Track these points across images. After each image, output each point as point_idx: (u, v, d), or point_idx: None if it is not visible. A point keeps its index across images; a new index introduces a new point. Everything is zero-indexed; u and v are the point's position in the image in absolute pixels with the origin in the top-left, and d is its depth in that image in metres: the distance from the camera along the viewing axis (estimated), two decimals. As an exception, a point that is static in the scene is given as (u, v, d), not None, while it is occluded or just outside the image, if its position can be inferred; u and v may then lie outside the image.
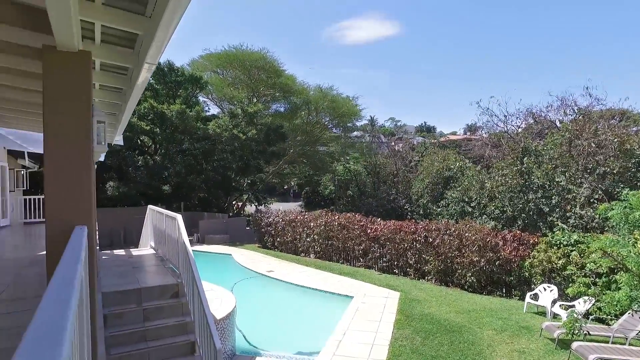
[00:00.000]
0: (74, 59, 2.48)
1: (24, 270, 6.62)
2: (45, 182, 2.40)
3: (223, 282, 9.31)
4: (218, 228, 17.71)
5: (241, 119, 21.40)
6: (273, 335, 8.03)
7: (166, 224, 6.59)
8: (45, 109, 2.42)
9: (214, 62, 27.16)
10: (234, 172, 21.15)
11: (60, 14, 2.02)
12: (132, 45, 3.51)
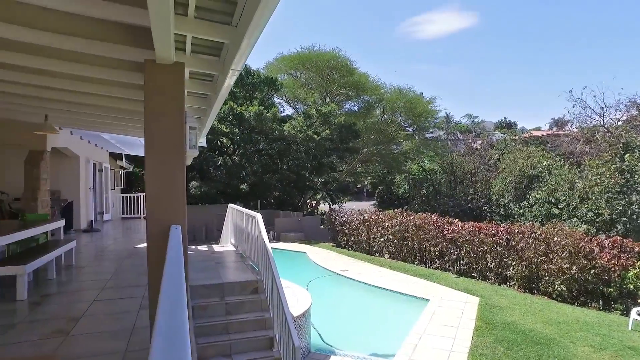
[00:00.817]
0: (170, 70, 2.68)
1: (124, 261, 7.30)
2: (146, 184, 2.63)
3: (298, 279, 9.52)
4: (293, 226, 18.15)
5: (315, 119, 21.75)
6: (347, 334, 8.06)
7: (246, 222, 6.88)
8: (146, 117, 2.64)
9: (287, 64, 27.93)
10: (308, 171, 21.56)
11: (162, 30, 2.19)
12: (217, 54, 3.71)
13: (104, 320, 4.15)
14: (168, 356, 0.59)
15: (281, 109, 27.75)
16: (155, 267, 2.64)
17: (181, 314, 0.80)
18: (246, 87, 22.00)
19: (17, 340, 3.65)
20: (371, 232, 14.53)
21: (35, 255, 5.29)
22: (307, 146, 20.59)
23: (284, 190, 21.43)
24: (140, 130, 8.75)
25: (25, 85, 5.59)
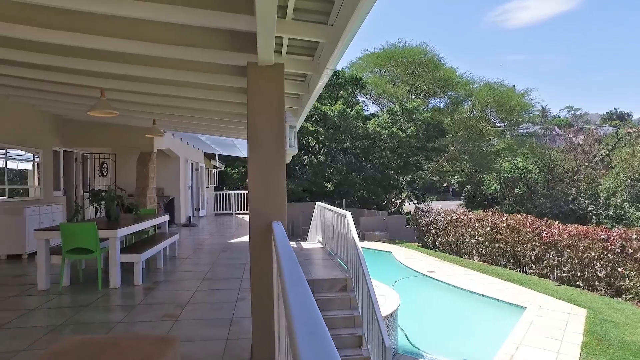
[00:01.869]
0: (271, 71, 2.79)
1: (220, 255, 7.79)
2: (249, 182, 2.76)
3: (383, 279, 9.41)
4: (378, 225, 18.01)
5: (400, 116, 21.36)
6: (435, 338, 7.79)
7: (334, 221, 6.95)
8: (249, 117, 2.78)
9: (372, 61, 27.75)
10: (392, 169, 21.25)
11: (267, 34, 2.29)
12: (311, 54, 3.78)
13: (206, 308, 4.46)
14: (315, 348, 0.59)
15: (365, 107, 27.65)
16: (257, 261, 2.77)
17: (313, 307, 0.81)
18: (331, 87, 22.29)
19: (138, 319, 4.07)
20: (460, 232, 13.91)
21: (148, 246, 5.87)
22: (392, 144, 20.29)
23: (368, 189, 21.35)
24: (234, 130, 9.28)
25: (138, 93, 6.21)
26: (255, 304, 2.83)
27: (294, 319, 0.73)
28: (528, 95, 27.05)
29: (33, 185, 8.66)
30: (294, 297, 0.88)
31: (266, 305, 2.72)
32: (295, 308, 0.80)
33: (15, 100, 7.85)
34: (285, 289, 0.99)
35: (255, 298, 2.81)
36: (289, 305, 0.83)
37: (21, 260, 7.28)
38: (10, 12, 3.53)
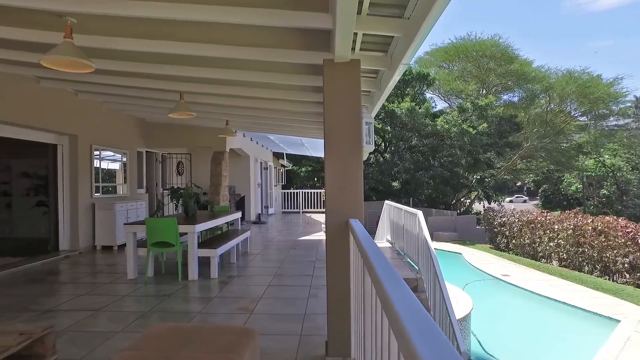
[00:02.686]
0: (347, 68, 2.79)
1: (289, 252, 7.95)
2: (325, 179, 2.77)
3: (453, 281, 9.06)
4: (446, 225, 17.43)
5: (471, 113, 20.48)
6: (511, 346, 7.36)
7: (404, 220, 6.82)
8: (325, 115, 2.79)
9: (440, 57, 26.88)
10: (462, 168, 20.45)
11: (346, 30, 2.28)
12: (385, 49, 3.72)
13: (279, 303, 4.56)
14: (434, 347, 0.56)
15: (433, 103, 26.87)
16: (333, 259, 2.77)
17: (418, 303, 0.78)
18: (397, 84, 21.91)
19: (215, 311, 4.27)
20: (536, 235, 13.02)
21: (222, 242, 6.14)
22: (462, 141, 19.51)
23: (436, 188, 20.72)
24: (303, 129, 9.43)
25: (213, 95, 6.50)
26: (331, 301, 2.83)
27: (403, 318, 0.70)
28: (618, 84, 24.63)
29: (120, 184, 9.42)
30: (394, 292, 0.85)
31: (342, 302, 2.71)
32: (399, 303, 0.78)
33: (108, 107, 8.59)
34: (381, 284, 0.97)
35: (331, 295, 2.82)
36: (392, 302, 0.80)
37: (112, 251, 7.96)
38: (109, 27, 3.85)
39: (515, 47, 25.14)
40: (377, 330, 1.17)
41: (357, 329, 2.16)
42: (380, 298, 0.97)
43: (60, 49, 3.44)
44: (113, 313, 4.24)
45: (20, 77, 6.24)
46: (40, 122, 6.83)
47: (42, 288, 5.32)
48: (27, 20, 3.86)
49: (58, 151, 7.75)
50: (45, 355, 2.26)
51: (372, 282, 1.17)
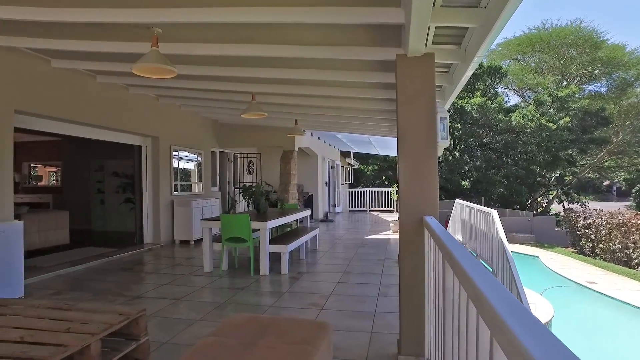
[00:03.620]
0: (421, 62, 2.73)
1: (358, 250, 7.95)
2: (399, 176, 2.74)
3: (530, 285, 8.50)
4: (521, 226, 16.44)
5: (549, 106, 19.11)
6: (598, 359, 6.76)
7: (477, 219, 6.54)
8: (399, 111, 2.76)
9: (513, 49, 25.36)
10: (539, 166, 19.14)
11: (420, 24, 2.24)
12: (458, 42, 3.59)
13: (349, 300, 4.58)
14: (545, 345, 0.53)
15: (506, 98, 25.43)
16: (407, 257, 2.74)
17: (514, 299, 0.75)
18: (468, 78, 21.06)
19: (286, 305, 4.40)
20: (630, 239, 11.83)
21: (292, 238, 6.29)
22: (539, 137, 18.27)
23: (510, 187, 19.60)
24: (371, 127, 9.38)
25: (282, 95, 6.67)
26: (404, 300, 2.79)
27: (502, 314, 0.67)
28: None
29: (196, 182, 9.99)
30: (487, 288, 0.82)
31: (416, 301, 2.67)
32: (496, 299, 0.75)
33: (185, 110, 9.16)
34: (470, 279, 0.94)
35: (405, 294, 2.78)
36: (486, 298, 0.78)
37: (189, 246, 8.48)
38: (189, 34, 4.11)
39: (600, 31, 22.94)
40: (460, 329, 1.14)
41: (433, 327, 2.11)
42: (470, 294, 0.94)
43: (148, 57, 3.72)
44: (192, 302, 4.52)
45: (113, 85, 6.85)
46: (129, 126, 7.45)
47: (131, 276, 5.81)
48: (120, 33, 4.22)
49: (142, 152, 8.40)
50: (139, 335, 2.47)
51: (458, 279, 1.14)
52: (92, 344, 2.10)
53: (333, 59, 4.47)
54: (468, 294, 0.97)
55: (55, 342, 2.02)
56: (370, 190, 19.20)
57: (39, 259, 6.75)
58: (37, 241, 7.30)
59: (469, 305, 0.98)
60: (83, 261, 6.63)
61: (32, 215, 7.30)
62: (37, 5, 3.61)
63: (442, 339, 1.59)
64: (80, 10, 3.59)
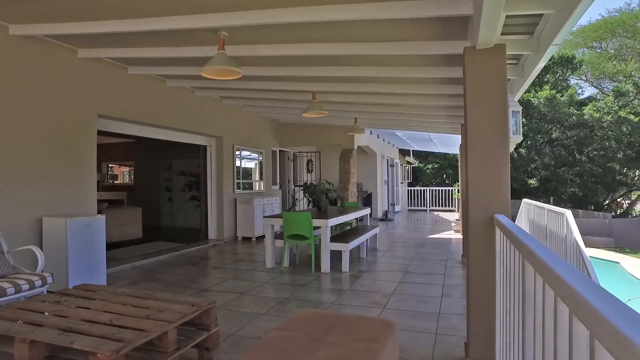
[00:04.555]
0: (491, 54, 2.61)
1: (419, 249, 7.78)
2: (468, 174, 2.65)
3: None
4: (598, 229, 15.25)
5: (633, 97, 17.53)
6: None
7: (548, 220, 6.16)
8: (467, 106, 2.66)
9: (587, 36, 23.50)
10: (619, 162, 17.63)
11: (493, 14, 2.14)
12: (530, 30, 3.39)
13: (411, 300, 4.49)
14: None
15: (579, 90, 23.66)
16: (476, 257, 2.63)
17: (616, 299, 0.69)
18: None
19: (347, 303, 4.40)
20: None
21: (353, 237, 6.28)
22: (619, 132, 16.82)
23: (584, 186, 18.25)
24: (432, 124, 9.14)
25: (342, 93, 6.68)
26: (473, 301, 2.69)
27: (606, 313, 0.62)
28: None
29: (257, 180, 10.28)
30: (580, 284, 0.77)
31: (485, 303, 2.56)
32: (593, 297, 0.70)
33: (247, 110, 9.46)
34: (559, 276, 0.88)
35: (473, 295, 2.67)
36: (582, 296, 0.73)
37: (251, 242, 8.75)
38: (253, 36, 4.23)
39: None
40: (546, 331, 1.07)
41: (506, 331, 2.01)
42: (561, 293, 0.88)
43: (215, 59, 3.89)
44: (256, 297, 4.66)
45: (181, 88, 7.24)
46: (195, 127, 7.82)
47: (198, 270, 6.10)
48: (188, 38, 4.45)
49: (207, 152, 8.78)
50: (209, 326, 2.58)
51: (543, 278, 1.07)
52: (170, 331, 2.23)
53: (394, 55, 4.41)
54: (557, 293, 0.91)
55: (138, 327, 2.17)
56: (430, 189, 18.71)
57: (116, 251, 7.29)
58: (115, 235, 7.88)
59: (558, 305, 0.92)
60: (154, 254, 7.07)
61: (110, 211, 7.90)
62: (116, 18, 3.90)
63: (520, 343, 1.51)
64: (154, 20, 3.83)
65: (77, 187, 5.30)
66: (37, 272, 3.67)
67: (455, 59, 4.20)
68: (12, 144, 4.49)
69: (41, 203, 4.80)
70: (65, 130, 5.13)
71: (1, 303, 3.19)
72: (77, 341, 1.99)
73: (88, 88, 5.43)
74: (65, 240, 4.54)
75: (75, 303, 2.64)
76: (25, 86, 4.64)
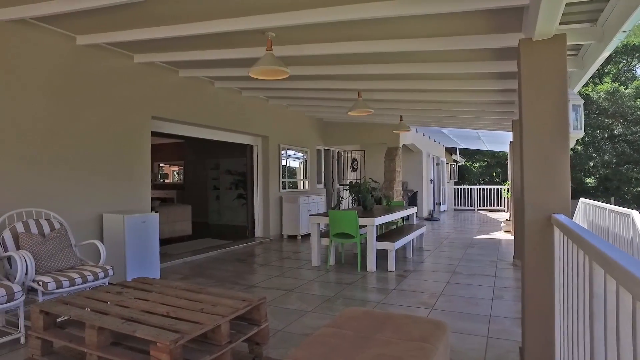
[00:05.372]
0: (550, 45, 2.48)
1: (467, 250, 7.56)
2: (523, 171, 2.54)
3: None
4: (665, 231, 14.10)
5: None
6: None
7: (610, 221, 5.79)
8: (523, 100, 2.55)
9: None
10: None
11: (553, 3, 2.04)
12: (593, 18, 3.19)
13: (460, 302, 4.37)
14: None
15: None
16: (532, 259, 2.52)
17: None
18: (593, 62, 18.68)
19: (394, 302, 4.35)
20: None
21: (399, 236, 6.20)
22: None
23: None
24: (481, 121, 8.85)
25: (388, 91, 6.60)
26: (529, 305, 2.57)
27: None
28: None
29: (301, 179, 10.37)
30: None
31: (543, 307, 2.44)
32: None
33: (292, 109, 9.57)
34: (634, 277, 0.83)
35: (529, 298, 2.56)
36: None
37: (296, 240, 8.85)
38: (299, 36, 4.27)
39: None
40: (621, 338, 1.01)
41: (567, 337, 1.91)
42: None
43: (263, 60, 3.96)
44: (302, 294, 4.70)
45: (228, 89, 7.43)
46: (242, 126, 8.01)
47: (245, 267, 6.24)
48: (236, 40, 4.55)
49: (254, 151, 8.97)
50: (260, 321, 2.64)
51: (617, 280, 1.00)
52: (223, 324, 2.30)
53: (441, 51, 4.30)
54: (636, 296, 0.85)
55: (193, 320, 2.25)
56: (477, 188, 18.10)
57: (167, 247, 7.61)
58: (166, 231, 8.22)
59: (638, 310, 0.86)
60: (203, 251, 7.31)
61: (162, 208, 8.25)
62: (168, 24, 4.06)
63: (587, 349, 1.43)
64: (204, 23, 3.95)
65: (133, 185, 5.58)
66: (99, 264, 3.90)
67: (507, 52, 4.04)
68: (78, 146, 4.80)
69: (102, 200, 5.09)
70: (123, 132, 5.41)
71: (71, 291, 3.43)
72: (139, 330, 2.09)
73: (143, 91, 5.70)
74: (123, 235, 4.79)
75: (135, 295, 2.78)
76: (89, 92, 4.94)
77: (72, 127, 4.75)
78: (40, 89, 4.42)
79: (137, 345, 2.30)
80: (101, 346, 2.24)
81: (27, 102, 4.29)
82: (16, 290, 3.06)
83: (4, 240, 3.64)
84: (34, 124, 4.35)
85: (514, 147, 6.28)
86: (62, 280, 3.40)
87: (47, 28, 4.41)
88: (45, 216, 4.18)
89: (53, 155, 4.54)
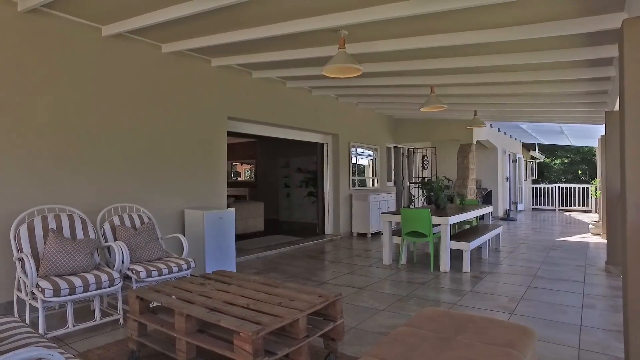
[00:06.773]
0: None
1: (549, 253, 7.06)
2: (626, 167, 2.30)
3: None
4: None
5: None
6: None
7: None
8: (627, 87, 2.31)
9: None
10: None
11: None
12: None
13: (544, 308, 4.09)
14: None
15: None
16: (635, 263, 2.28)
17: None
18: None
19: (470, 305, 4.17)
20: None
21: (474, 235, 5.94)
22: None
23: None
24: (566, 114, 8.21)
25: (462, 85, 6.34)
26: (633, 317, 2.33)
27: None
28: None
29: (371, 177, 10.30)
30: None
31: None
32: None
33: (361, 107, 9.54)
34: None
35: (633, 310, 2.31)
36: None
37: (366, 238, 8.81)
38: (370, 32, 4.23)
39: None
40: None
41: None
42: None
43: (336, 58, 3.98)
44: (374, 292, 4.67)
45: (299, 89, 7.58)
46: (313, 125, 8.13)
47: (316, 264, 6.33)
48: (308, 40, 4.62)
49: (324, 149, 9.06)
50: (335, 317, 2.66)
51: None
52: (301, 319, 2.34)
53: (522, 40, 4.02)
54: None
55: (272, 313, 2.32)
56: (559, 187, 16.79)
57: (241, 242, 7.94)
58: (240, 227, 8.58)
59: None
60: (275, 247, 7.53)
61: (236, 205, 8.62)
62: (243, 27, 4.22)
63: None
64: (279, 25, 4.06)
65: (211, 182, 5.89)
66: (182, 256, 4.17)
67: (602, 36, 3.68)
68: (163, 147, 5.17)
69: (183, 197, 5.44)
70: (202, 133, 5.73)
71: (158, 280, 3.71)
72: (223, 320, 2.20)
73: (219, 93, 5.99)
74: (202, 230, 5.08)
75: (216, 286, 2.93)
76: (174, 96, 5.30)
77: (156, 130, 5.12)
78: (130, 96, 4.81)
79: (219, 334, 2.42)
80: (189, 332, 2.38)
81: (119, 109, 4.69)
82: (116, 277, 3.39)
83: (104, 232, 4.04)
84: (123, 129, 4.75)
85: (606, 142, 5.74)
86: (152, 270, 3.69)
87: (137, 39, 4.79)
88: (136, 211, 4.56)
89: (142, 155, 4.93)
